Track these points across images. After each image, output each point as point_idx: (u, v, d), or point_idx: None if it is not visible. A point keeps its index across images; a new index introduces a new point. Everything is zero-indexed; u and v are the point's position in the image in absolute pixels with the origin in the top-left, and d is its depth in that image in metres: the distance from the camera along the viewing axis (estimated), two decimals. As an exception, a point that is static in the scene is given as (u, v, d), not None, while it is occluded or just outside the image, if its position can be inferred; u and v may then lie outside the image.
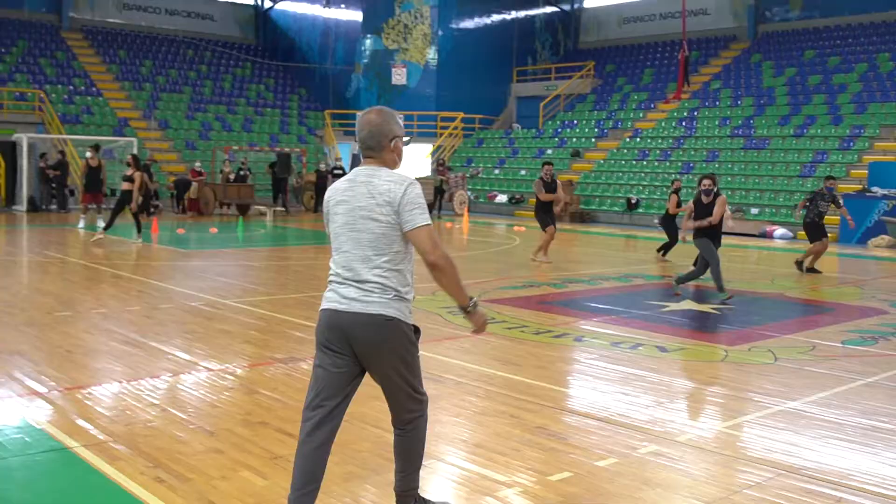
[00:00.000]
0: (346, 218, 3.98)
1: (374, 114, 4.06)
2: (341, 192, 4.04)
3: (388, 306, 3.94)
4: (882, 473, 5.23)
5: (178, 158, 32.26)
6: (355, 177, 4.03)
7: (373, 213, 3.91)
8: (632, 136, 32.98)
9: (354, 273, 3.96)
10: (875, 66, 31.17)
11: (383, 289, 3.94)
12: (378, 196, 3.91)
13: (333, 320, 3.98)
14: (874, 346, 9.20)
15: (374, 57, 38.55)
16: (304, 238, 22.10)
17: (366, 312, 3.91)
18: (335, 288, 4.03)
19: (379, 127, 4.02)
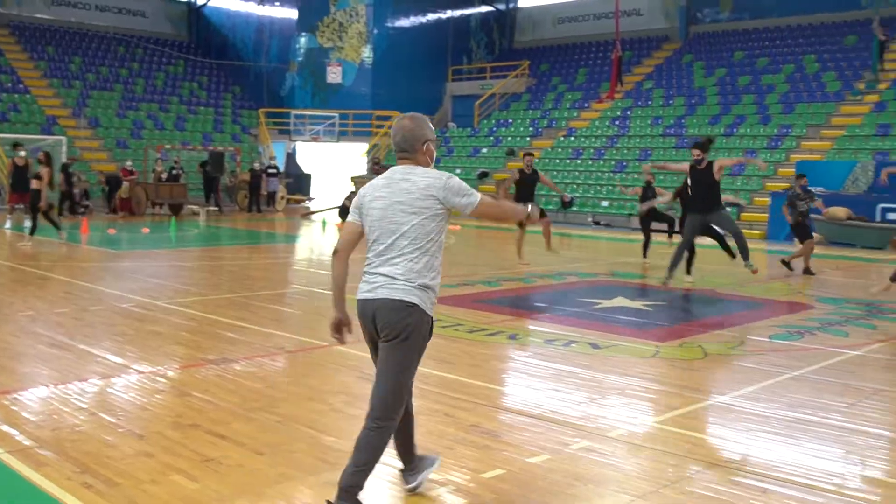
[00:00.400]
0: (384, 213, 4.28)
1: (407, 120, 4.41)
2: (379, 188, 4.35)
3: (411, 293, 4.21)
4: (806, 464, 5.35)
5: (108, 157, 31.69)
6: (392, 175, 4.36)
7: (413, 206, 4.24)
8: (566, 135, 33.26)
9: (385, 261, 4.28)
10: (801, 67, 31.87)
11: (408, 277, 4.22)
12: (419, 191, 4.24)
13: (364, 308, 4.33)
14: (800, 340, 9.40)
15: (309, 55, 38.33)
16: (237, 238, 21.89)
17: (390, 298, 4.21)
18: (367, 278, 4.36)
19: (412, 132, 4.37)
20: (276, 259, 17.47)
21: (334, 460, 5.18)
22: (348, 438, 5.59)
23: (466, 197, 4.29)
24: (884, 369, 8.14)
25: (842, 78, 30.21)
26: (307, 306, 11.10)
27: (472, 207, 4.29)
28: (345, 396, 6.65)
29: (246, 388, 6.81)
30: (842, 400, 6.87)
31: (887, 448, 5.84)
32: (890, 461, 5.62)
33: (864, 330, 10.05)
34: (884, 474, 5.36)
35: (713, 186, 12.22)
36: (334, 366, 7.69)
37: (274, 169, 31.04)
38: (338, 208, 27.64)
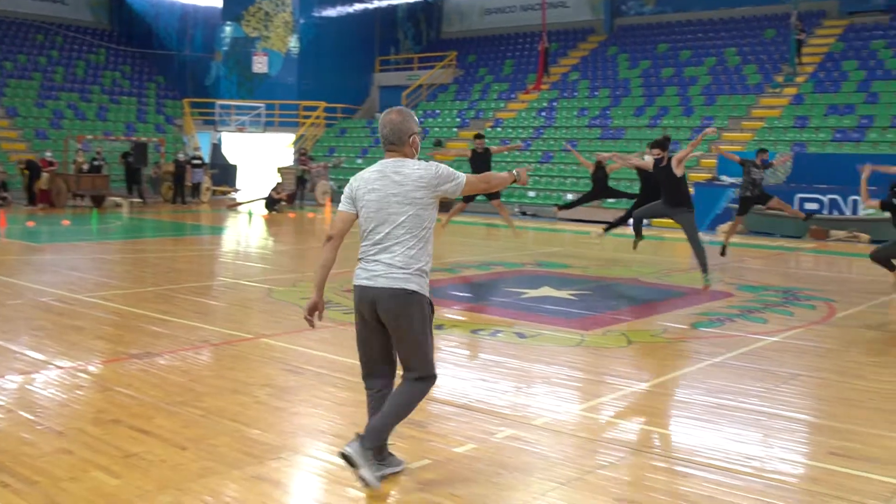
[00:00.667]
0: (379, 204, 4.55)
1: (395, 114, 4.71)
2: (372, 181, 4.63)
3: (410, 281, 4.50)
4: (726, 448, 5.47)
5: (27, 148, 30.86)
6: (384, 168, 4.63)
7: (407, 197, 4.53)
8: (493, 125, 33.39)
9: (382, 251, 4.53)
10: (723, 60, 32.46)
11: (406, 264, 4.50)
12: (412, 182, 4.54)
13: (363, 294, 4.57)
14: (721, 327, 9.60)
15: (235, 44, 37.85)
16: (161, 230, 21.54)
17: (391, 287, 4.48)
18: (364, 266, 4.60)
19: (400, 125, 4.67)
20: (201, 251, 17.25)
21: (259, 453, 5.15)
22: (273, 431, 5.59)
23: (454, 181, 4.62)
24: (800, 355, 8.36)
25: (762, 71, 30.85)
26: (233, 298, 10.98)
27: (460, 188, 4.64)
28: (270, 389, 6.60)
29: (169, 382, 6.72)
30: (760, 385, 7.04)
31: (803, 431, 6.01)
32: (806, 443, 5.78)
33: (781, 317, 10.30)
34: (800, 456, 5.51)
35: (678, 183, 12.08)
36: (259, 358, 7.63)
37: (199, 160, 30.58)
38: (264, 199, 27.44)
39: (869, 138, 24.82)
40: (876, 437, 5.77)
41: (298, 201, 29.51)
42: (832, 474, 5.07)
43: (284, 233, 21.66)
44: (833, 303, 11.38)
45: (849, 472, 5.10)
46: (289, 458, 5.13)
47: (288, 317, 9.58)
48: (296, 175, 30.11)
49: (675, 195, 12.08)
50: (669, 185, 12.06)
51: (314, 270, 4.78)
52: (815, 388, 7.19)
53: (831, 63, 29.91)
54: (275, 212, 26.65)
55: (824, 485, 4.90)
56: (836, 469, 5.15)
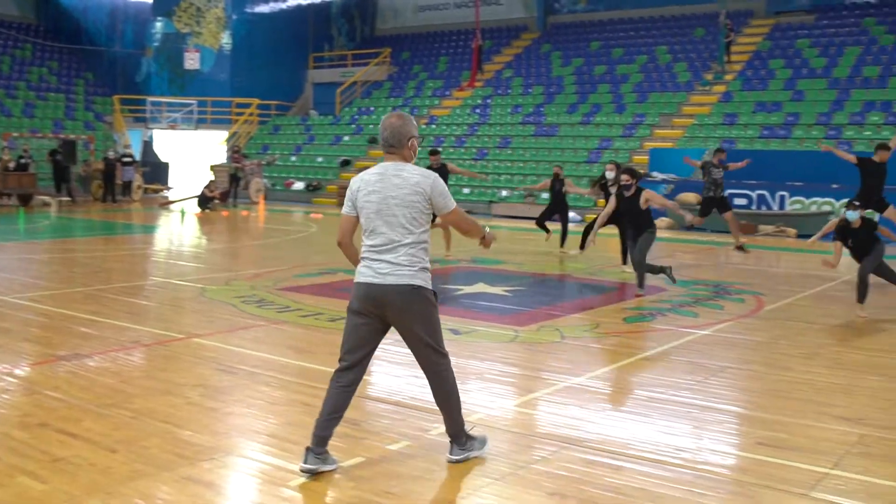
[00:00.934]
0: (379, 206, 4.77)
1: (395, 118, 4.87)
2: (372, 183, 4.82)
3: (416, 277, 4.77)
4: (658, 441, 5.55)
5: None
6: (385, 171, 4.82)
7: (405, 200, 4.74)
8: (427, 122, 33.41)
9: (386, 250, 4.77)
10: (654, 58, 32.91)
11: (411, 263, 4.77)
12: (409, 186, 4.74)
13: (369, 291, 4.79)
14: (652, 321, 9.74)
15: (166, 40, 37.33)
16: (91, 229, 21.14)
17: (398, 284, 4.73)
18: (369, 264, 4.82)
19: (400, 129, 4.83)
20: (133, 250, 16.97)
21: (191, 455, 5.08)
22: (206, 432, 5.52)
23: (445, 200, 4.84)
24: (730, 347, 8.51)
25: (692, 69, 31.35)
26: (164, 298, 10.83)
27: (447, 210, 4.85)
28: (202, 389, 6.53)
29: (99, 384, 6.60)
30: (691, 378, 7.15)
31: (733, 422, 6.12)
32: (736, 434, 5.89)
33: (712, 310, 10.48)
34: (729, 447, 5.61)
35: (642, 213, 12.06)
36: (191, 358, 7.54)
37: (129, 157, 30.08)
38: (197, 197, 27.10)
39: (795, 135, 25.36)
40: (803, 427, 5.90)
41: (232, 199, 29.20)
42: (760, 464, 5.17)
43: (218, 231, 21.42)
44: (762, 296, 11.61)
45: (776, 461, 5.20)
46: (222, 459, 5.08)
47: (221, 316, 9.48)
48: (229, 173, 29.79)
49: (642, 222, 12.00)
50: (635, 213, 11.99)
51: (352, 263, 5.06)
52: (745, 380, 7.33)
53: (759, 62, 30.51)
54: (208, 210, 26.34)
55: (752, 474, 5.00)
56: (764, 459, 5.25)
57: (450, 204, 4.85)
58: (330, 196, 31.27)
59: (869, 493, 4.77)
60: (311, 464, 4.77)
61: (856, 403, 6.54)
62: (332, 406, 4.87)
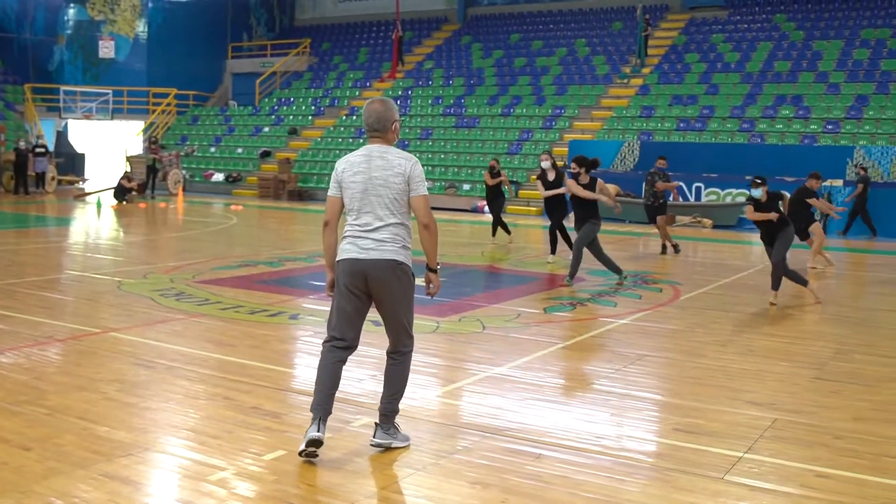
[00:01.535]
0: (364, 186, 4.96)
1: (378, 103, 5.05)
2: (357, 164, 5.00)
3: (398, 253, 4.98)
4: (577, 428, 5.64)
5: None
6: (370, 153, 5.00)
7: (388, 182, 4.93)
8: (348, 113, 33.27)
9: (371, 228, 4.96)
10: (574, 50, 33.26)
11: (394, 240, 4.97)
12: (392, 169, 4.94)
13: (354, 267, 4.97)
14: (572, 311, 9.87)
15: (79, 28, 36.45)
16: (3, 222, 20.53)
17: (382, 258, 4.94)
18: (353, 241, 5.00)
19: (384, 114, 5.03)
20: (46, 243, 16.56)
21: (108, 451, 4.99)
22: (123, 427, 5.44)
23: (420, 186, 4.98)
24: (647, 336, 8.67)
25: (610, 62, 31.76)
26: (80, 292, 10.60)
27: (417, 194, 4.97)
28: (118, 384, 6.41)
29: (11, 380, 6.44)
30: (609, 366, 7.28)
31: (650, 409, 6.25)
32: (653, 421, 6.01)
33: (630, 300, 10.66)
34: (647, 433, 5.72)
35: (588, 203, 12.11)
36: (107, 353, 7.40)
37: (42, 148, 29.29)
38: (113, 189, 26.54)
39: (710, 128, 25.89)
40: (717, 412, 6.05)
41: (149, 191, 28.68)
42: (677, 449, 5.29)
43: (135, 223, 21.02)
44: (679, 286, 11.84)
45: (692, 446, 5.33)
46: (140, 454, 5.00)
47: (139, 310, 9.32)
48: (146, 164, 29.24)
49: (587, 210, 12.10)
50: (580, 201, 12.07)
51: (323, 253, 5.25)
52: (662, 367, 7.48)
53: (675, 55, 31.06)
54: (125, 202, 25.82)
55: (670, 460, 5.11)
56: (680, 444, 5.38)
57: (421, 189, 4.99)
58: (250, 188, 30.93)
59: (781, 476, 4.92)
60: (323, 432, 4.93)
61: (767, 389, 6.73)
62: (332, 382, 5.05)
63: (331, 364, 5.06)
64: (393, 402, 5.19)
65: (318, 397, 4.99)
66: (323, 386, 5.02)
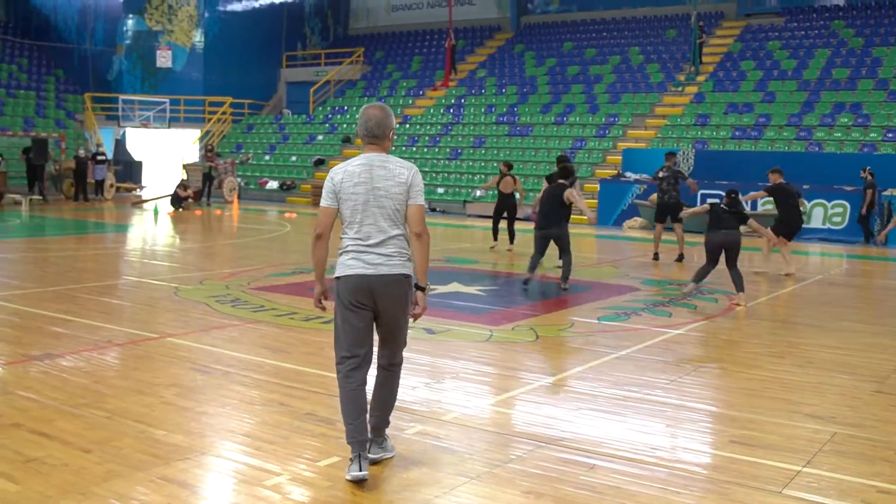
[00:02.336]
0: (366, 197, 4.79)
1: (377, 109, 4.88)
2: (358, 174, 4.81)
3: (405, 267, 4.86)
4: (631, 439, 5.59)
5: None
6: (370, 162, 4.82)
7: (390, 192, 4.79)
8: (401, 122, 33.40)
9: (377, 241, 4.81)
10: (627, 58, 33.07)
11: (400, 253, 4.84)
12: (394, 178, 4.79)
13: (361, 283, 4.82)
14: (626, 321, 9.79)
15: (137, 38, 37.06)
16: (63, 228, 20.97)
17: (392, 273, 4.81)
18: (357, 256, 4.85)
19: (384, 120, 4.87)
20: (105, 249, 16.85)
21: (165, 454, 5.06)
22: (180, 431, 5.50)
23: (419, 195, 4.85)
24: (702, 346, 8.58)
25: (664, 70, 31.53)
26: (138, 297, 10.76)
27: (414, 202, 4.83)
28: (176, 389, 6.50)
29: (72, 384, 6.56)
30: (664, 377, 7.21)
31: (706, 421, 6.17)
32: (709, 433, 5.94)
33: (685, 310, 10.56)
34: (703, 445, 5.66)
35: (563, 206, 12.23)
36: (165, 358, 7.50)
37: (102, 156, 29.84)
38: (170, 196, 26.94)
39: (766, 136, 25.58)
40: (774, 425, 5.96)
41: (205, 198, 29.06)
42: (733, 462, 5.22)
43: (191, 230, 21.30)
44: (734, 296, 11.69)
45: (749, 459, 5.26)
46: (196, 458, 5.06)
47: (195, 316, 9.44)
48: (202, 171, 29.64)
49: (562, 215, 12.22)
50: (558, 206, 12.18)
51: (313, 266, 5.15)
52: (717, 378, 7.40)
53: (730, 63, 30.73)
54: (181, 209, 26.19)
55: (726, 472, 5.04)
56: (736, 457, 5.31)
57: (420, 198, 4.87)
58: (304, 195, 31.18)
59: (841, 491, 4.83)
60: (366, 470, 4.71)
61: (826, 402, 6.62)
62: (358, 410, 4.83)
63: (351, 392, 4.86)
64: (385, 416, 5.12)
65: (349, 428, 4.79)
66: (349, 416, 4.82)
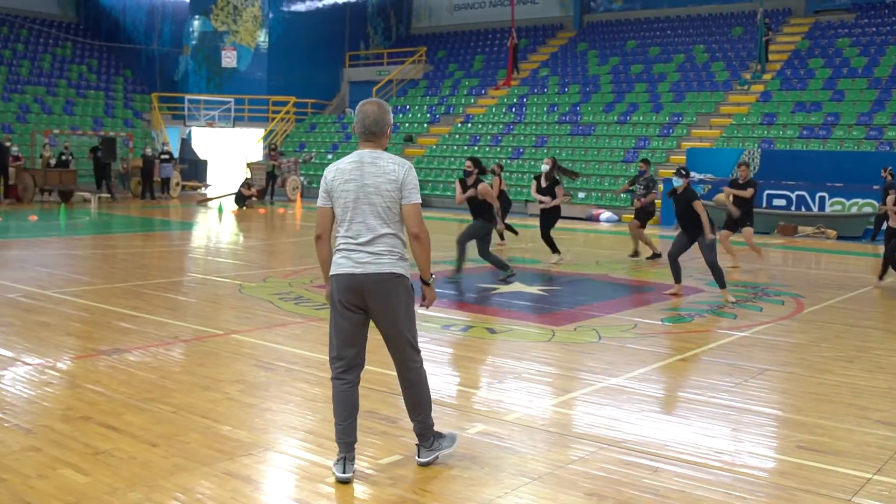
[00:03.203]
0: (357, 194, 4.67)
1: (375, 105, 4.77)
2: (348, 171, 4.71)
3: (396, 265, 4.70)
4: (695, 442, 5.51)
5: (-8, 142, 30.50)
6: (361, 158, 4.73)
7: (380, 189, 4.65)
8: (463, 121, 33.41)
9: (366, 239, 4.68)
10: (692, 57, 32.67)
11: (390, 252, 4.70)
12: (385, 175, 4.66)
13: (350, 282, 4.69)
14: (690, 322, 9.67)
15: (203, 39, 37.59)
16: (131, 226, 21.36)
17: (380, 272, 4.66)
18: (347, 255, 4.72)
19: (382, 116, 4.76)
20: (170, 247, 17.12)
21: (230, 450, 5.12)
22: (244, 427, 5.56)
23: (413, 193, 4.71)
24: (769, 349, 8.43)
25: (729, 68, 31.08)
26: (203, 294, 10.92)
27: (409, 202, 4.69)
28: (240, 385, 6.57)
29: (139, 378, 6.68)
30: (729, 380, 7.10)
31: (772, 425, 6.06)
32: (775, 437, 5.83)
33: (751, 312, 10.39)
34: (769, 450, 5.56)
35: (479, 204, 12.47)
36: (230, 354, 7.59)
37: (167, 155, 30.35)
38: (234, 195, 27.29)
39: (835, 135, 25.08)
40: (844, 431, 5.84)
41: (268, 197, 29.38)
42: (800, 468, 5.12)
43: (254, 228, 21.56)
44: (801, 298, 11.49)
45: (817, 465, 5.15)
46: (260, 454, 5.11)
47: (259, 313, 9.54)
48: (266, 170, 29.97)
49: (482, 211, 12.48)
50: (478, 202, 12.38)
51: (320, 267, 4.96)
52: (784, 382, 7.26)
53: (798, 61, 30.19)
54: (245, 207, 26.52)
55: (792, 478, 4.95)
56: (804, 463, 5.20)
57: (414, 197, 4.71)
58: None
59: (912, 499, 4.71)
60: (350, 472, 4.72)
61: (898, 407, 6.46)
62: (349, 410, 4.76)
63: (340, 393, 4.77)
64: (423, 422, 4.95)
65: (338, 429, 4.75)
66: (339, 416, 4.75)
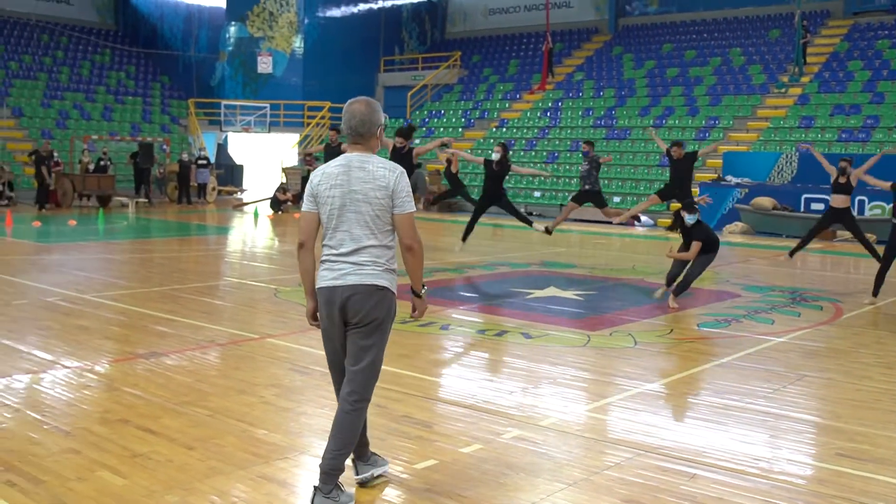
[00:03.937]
0: (343, 200, 4.36)
1: (363, 104, 4.44)
2: (335, 176, 4.39)
3: (380, 277, 4.38)
4: (733, 449, 5.46)
5: (33, 148, 30.87)
6: (348, 163, 4.40)
7: (368, 196, 4.34)
8: (498, 125, 33.39)
9: (349, 250, 4.37)
10: (728, 60, 32.42)
11: (375, 262, 4.37)
12: (374, 181, 4.34)
13: (330, 295, 4.38)
14: (727, 328, 9.59)
15: (239, 45, 37.85)
16: (168, 230, 21.56)
17: (360, 283, 4.34)
18: (330, 267, 4.42)
19: (369, 116, 4.42)
20: (207, 251, 17.26)
21: (266, 453, 5.15)
22: (280, 431, 5.59)
23: (406, 202, 4.40)
24: (807, 355, 8.34)
25: (766, 71, 30.81)
26: (238, 298, 10.98)
27: (402, 211, 4.39)
28: (276, 389, 6.60)
29: (176, 382, 6.73)
30: (767, 386, 7.03)
31: (810, 432, 6.00)
32: (813, 444, 5.76)
33: (788, 317, 10.28)
34: (807, 457, 5.49)
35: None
36: (265, 358, 7.63)
37: (204, 160, 30.60)
38: (269, 200, 27.45)
39: (875, 138, 24.78)
40: (884, 438, 5.76)
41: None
42: (839, 475, 5.06)
43: (290, 233, 21.66)
44: (840, 303, 11.36)
45: (856, 473, 5.09)
46: (295, 458, 5.13)
47: (294, 317, 9.58)
48: (301, 175, 30.10)
49: None
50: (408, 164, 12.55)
51: (301, 278, 4.63)
52: (822, 388, 7.18)
53: (836, 63, 29.86)
54: (280, 212, 26.67)
55: (831, 486, 4.89)
56: (843, 470, 5.14)
57: (407, 206, 4.40)
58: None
59: (955, 508, 4.63)
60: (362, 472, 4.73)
61: (940, 414, 6.36)
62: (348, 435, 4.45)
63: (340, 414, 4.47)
64: (340, 457, 4.40)
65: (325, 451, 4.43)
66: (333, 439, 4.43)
